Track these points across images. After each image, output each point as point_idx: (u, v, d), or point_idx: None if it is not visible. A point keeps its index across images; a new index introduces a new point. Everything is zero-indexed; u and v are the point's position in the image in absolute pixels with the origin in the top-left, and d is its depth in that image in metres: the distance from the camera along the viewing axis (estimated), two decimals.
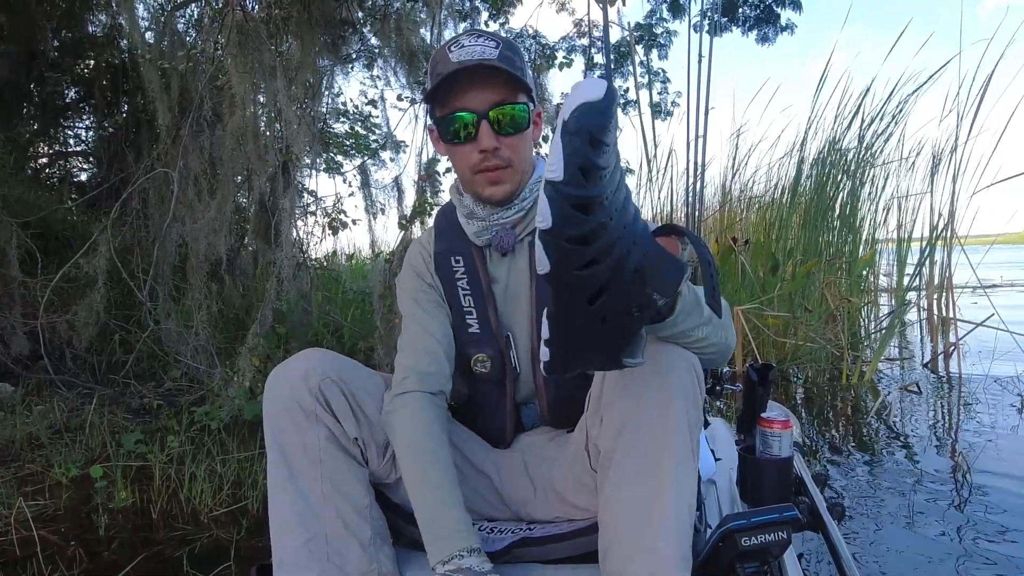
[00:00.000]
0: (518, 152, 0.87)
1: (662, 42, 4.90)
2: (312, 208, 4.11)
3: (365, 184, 3.51)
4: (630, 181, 4.45)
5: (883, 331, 3.62)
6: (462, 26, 3.84)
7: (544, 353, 0.57)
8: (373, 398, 0.86)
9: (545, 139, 4.71)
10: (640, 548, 0.68)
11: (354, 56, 3.63)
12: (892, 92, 3.85)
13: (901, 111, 3.84)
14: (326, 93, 3.44)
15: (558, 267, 0.47)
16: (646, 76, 4.68)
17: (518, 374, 0.92)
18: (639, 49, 4.70)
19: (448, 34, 3.22)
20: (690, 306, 0.66)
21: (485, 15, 4.28)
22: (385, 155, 4.24)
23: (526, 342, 0.92)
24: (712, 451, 1.23)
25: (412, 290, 0.96)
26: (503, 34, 0.92)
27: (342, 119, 4.76)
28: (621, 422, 0.71)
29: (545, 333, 0.55)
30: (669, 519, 0.68)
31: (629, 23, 5.21)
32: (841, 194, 3.96)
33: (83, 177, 4.28)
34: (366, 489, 0.83)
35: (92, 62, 3.79)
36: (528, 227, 0.91)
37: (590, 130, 0.43)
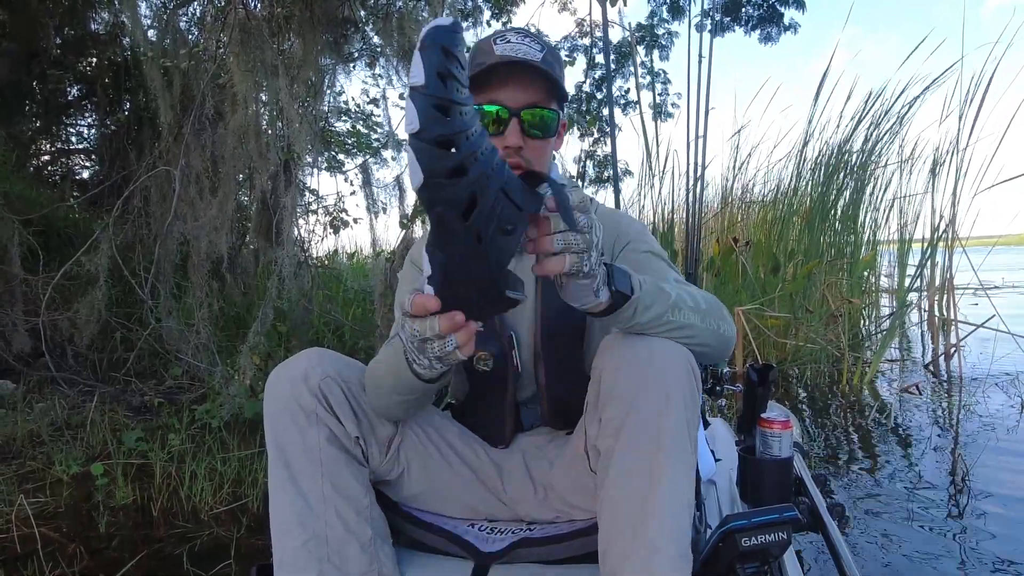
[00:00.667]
0: (540, 156, 0.88)
1: (663, 43, 4.90)
2: (313, 207, 4.12)
3: (367, 183, 3.51)
4: (630, 182, 4.46)
5: (884, 332, 3.62)
6: (464, 25, 3.83)
7: (428, 292, 0.58)
8: None
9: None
10: (638, 547, 0.67)
11: (356, 55, 3.63)
12: (893, 94, 3.85)
13: (906, 114, 3.84)
14: (328, 92, 3.44)
15: (429, 174, 0.51)
16: (647, 77, 4.68)
17: (519, 374, 0.92)
18: (640, 50, 4.70)
19: None
20: (649, 295, 0.69)
21: (487, 14, 4.29)
22: (387, 154, 4.24)
23: (529, 342, 0.92)
24: (712, 451, 1.23)
25: (410, 280, 0.98)
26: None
27: (344, 118, 4.77)
28: (619, 421, 0.71)
29: (426, 268, 0.56)
30: (667, 518, 0.68)
31: (630, 23, 5.21)
32: (843, 195, 3.96)
33: (85, 175, 4.28)
34: (366, 489, 0.83)
35: (94, 60, 3.80)
36: None
37: (442, 44, 0.49)
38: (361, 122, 4.89)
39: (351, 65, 3.62)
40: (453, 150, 0.50)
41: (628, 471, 0.70)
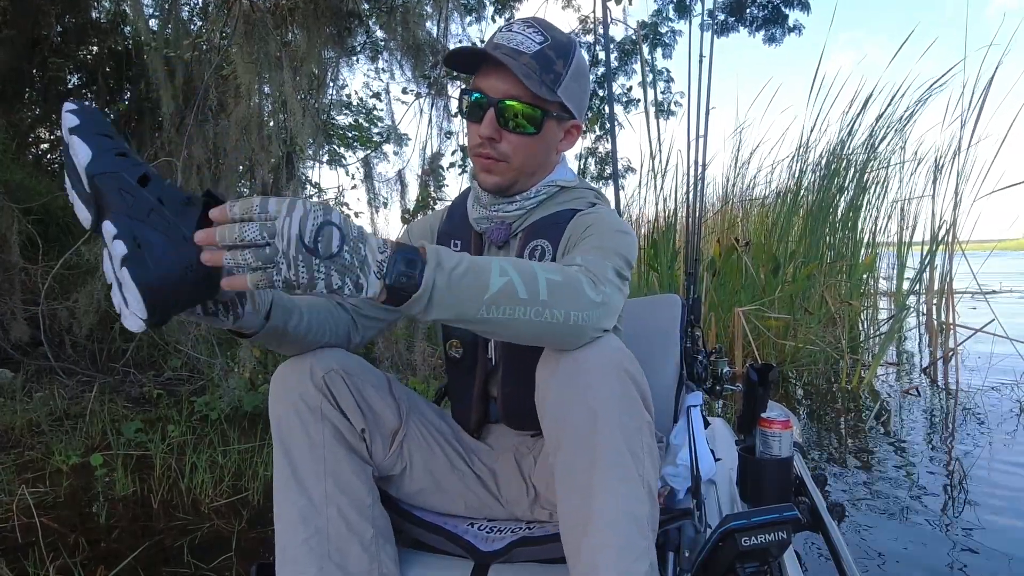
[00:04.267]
0: (521, 152, 0.85)
1: (666, 41, 4.89)
2: (315, 199, 4.09)
3: (368, 177, 3.50)
4: (632, 179, 4.46)
5: (883, 335, 3.63)
6: (468, 20, 3.82)
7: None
8: (377, 391, 0.87)
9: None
10: (580, 563, 0.67)
11: (359, 48, 3.62)
12: (892, 98, 3.85)
13: (910, 115, 3.84)
14: (331, 85, 3.43)
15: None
16: (650, 75, 4.67)
17: (492, 366, 0.92)
18: (644, 48, 4.69)
19: (455, 28, 3.21)
20: (453, 289, 0.60)
21: (491, 9, 4.27)
22: (388, 148, 4.23)
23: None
24: (712, 451, 1.23)
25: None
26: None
27: (346, 111, 4.75)
28: (555, 438, 0.70)
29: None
30: (605, 533, 0.66)
31: (637, 21, 5.19)
32: (843, 197, 3.96)
33: None
34: (369, 488, 0.84)
35: (95, 48, 3.78)
36: (523, 224, 0.91)
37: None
38: (363, 116, 4.88)
39: (354, 58, 3.61)
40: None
41: (566, 488, 0.69)
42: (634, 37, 4.61)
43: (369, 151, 4.12)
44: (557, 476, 0.70)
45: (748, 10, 4.64)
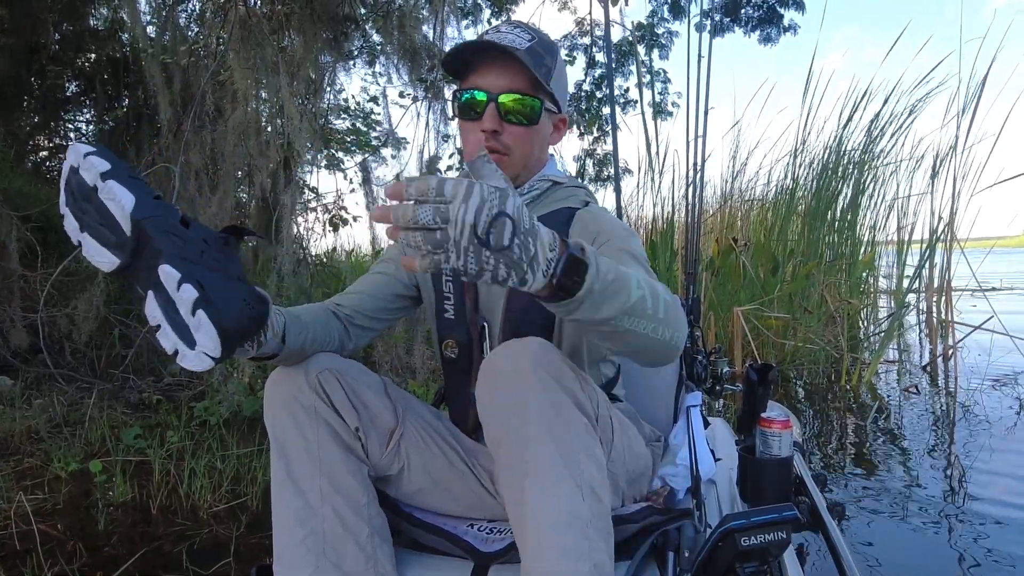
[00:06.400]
0: (522, 144, 0.88)
1: (663, 42, 4.90)
2: (313, 204, 4.11)
3: (366, 181, 3.51)
4: (630, 181, 4.46)
5: (882, 333, 3.63)
6: (464, 23, 3.84)
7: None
8: (372, 391, 0.87)
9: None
10: (523, 568, 0.67)
11: (356, 52, 3.62)
12: (888, 95, 3.86)
13: (909, 112, 3.85)
14: (328, 89, 3.43)
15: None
16: (647, 76, 4.68)
17: None
18: (640, 49, 4.70)
19: (451, 31, 3.23)
20: (604, 294, 0.59)
21: (487, 12, 4.28)
22: (386, 152, 4.24)
23: (499, 335, 0.92)
24: (712, 451, 1.23)
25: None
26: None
27: (343, 115, 4.76)
28: (495, 438, 0.70)
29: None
30: (544, 536, 0.65)
31: (632, 22, 5.20)
32: (842, 196, 3.96)
33: None
34: (364, 487, 0.83)
35: (93, 56, 3.78)
36: None
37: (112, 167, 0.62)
38: (360, 120, 4.89)
39: (351, 63, 3.62)
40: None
41: (507, 499, 0.69)
42: (630, 38, 4.63)
43: (367, 155, 4.13)
44: (498, 476, 0.71)
45: (743, 10, 4.66)
